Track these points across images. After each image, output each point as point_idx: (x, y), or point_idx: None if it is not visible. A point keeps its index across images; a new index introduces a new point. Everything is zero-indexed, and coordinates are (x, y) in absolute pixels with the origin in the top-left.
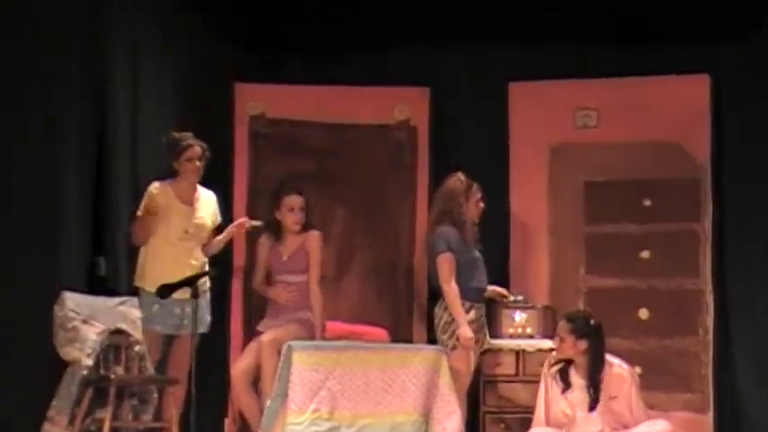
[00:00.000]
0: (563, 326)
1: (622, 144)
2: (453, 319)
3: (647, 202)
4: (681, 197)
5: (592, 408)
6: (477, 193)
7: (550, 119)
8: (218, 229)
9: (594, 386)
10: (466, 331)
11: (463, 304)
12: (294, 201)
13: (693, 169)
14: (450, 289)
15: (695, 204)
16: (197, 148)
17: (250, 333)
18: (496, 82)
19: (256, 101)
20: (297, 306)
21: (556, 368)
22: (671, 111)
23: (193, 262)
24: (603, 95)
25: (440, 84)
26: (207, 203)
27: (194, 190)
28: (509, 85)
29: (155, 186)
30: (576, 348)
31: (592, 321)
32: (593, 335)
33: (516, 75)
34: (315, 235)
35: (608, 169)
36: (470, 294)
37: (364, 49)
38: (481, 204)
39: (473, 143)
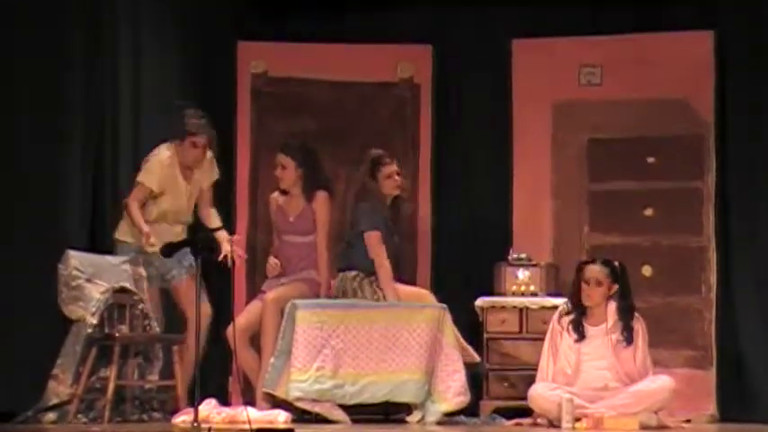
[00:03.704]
0: (600, 270)
1: (626, 101)
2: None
3: (651, 160)
4: (684, 154)
5: (627, 345)
6: (388, 167)
7: (554, 76)
8: (215, 185)
9: (628, 329)
10: None
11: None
12: (279, 159)
13: (697, 126)
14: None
15: (699, 161)
16: (201, 138)
17: (254, 292)
18: (500, 39)
19: (259, 59)
20: (302, 265)
21: (568, 318)
22: (675, 68)
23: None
24: (608, 52)
25: (443, 41)
26: (206, 168)
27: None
28: (513, 42)
29: (165, 157)
30: (610, 292)
31: (616, 263)
32: (623, 277)
33: (520, 32)
34: (322, 195)
35: (612, 126)
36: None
37: (367, 7)
38: (396, 178)
39: (476, 100)
